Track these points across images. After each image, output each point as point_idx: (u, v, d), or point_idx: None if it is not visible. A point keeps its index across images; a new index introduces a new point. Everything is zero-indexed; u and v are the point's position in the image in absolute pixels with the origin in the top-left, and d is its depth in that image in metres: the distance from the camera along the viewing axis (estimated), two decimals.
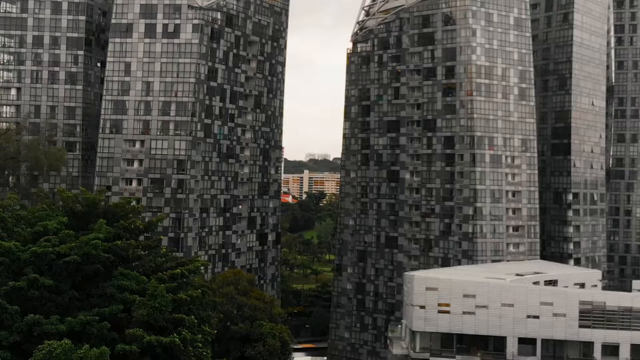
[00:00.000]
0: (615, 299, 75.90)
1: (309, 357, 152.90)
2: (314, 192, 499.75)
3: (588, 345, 74.95)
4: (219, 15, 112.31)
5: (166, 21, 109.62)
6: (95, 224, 50.21)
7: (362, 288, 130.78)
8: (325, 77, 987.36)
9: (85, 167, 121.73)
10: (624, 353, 73.00)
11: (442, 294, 76.71)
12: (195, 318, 44.14)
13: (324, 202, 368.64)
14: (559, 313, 75.11)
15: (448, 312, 76.66)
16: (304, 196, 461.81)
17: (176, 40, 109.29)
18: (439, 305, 76.95)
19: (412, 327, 78.87)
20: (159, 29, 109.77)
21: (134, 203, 67.90)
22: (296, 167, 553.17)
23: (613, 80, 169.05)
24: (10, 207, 49.89)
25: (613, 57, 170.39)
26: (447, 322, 76.72)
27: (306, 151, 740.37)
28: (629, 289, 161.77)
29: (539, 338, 75.91)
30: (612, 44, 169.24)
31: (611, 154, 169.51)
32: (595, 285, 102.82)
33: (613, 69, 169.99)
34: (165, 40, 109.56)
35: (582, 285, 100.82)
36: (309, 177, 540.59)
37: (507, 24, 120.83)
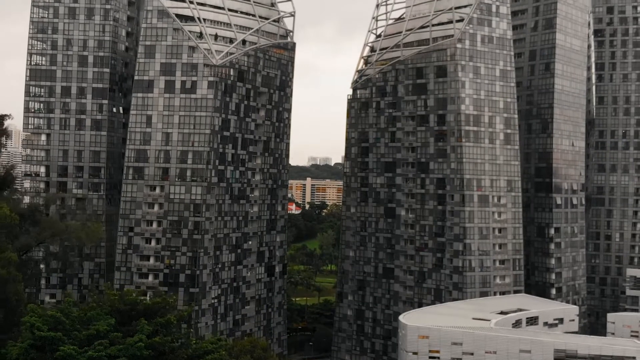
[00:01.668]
0: (586, 347, 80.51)
1: None
2: (316, 201, 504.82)
3: None
4: (231, 72, 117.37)
5: (184, 78, 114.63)
6: (136, 320, 55.54)
7: (362, 314, 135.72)
8: (327, 82, 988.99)
9: (109, 205, 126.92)
10: None
11: (433, 342, 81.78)
12: None
13: (325, 211, 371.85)
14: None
15: (438, 358, 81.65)
16: (307, 205, 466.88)
17: (193, 96, 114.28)
18: (430, 351, 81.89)
19: None
20: (178, 85, 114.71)
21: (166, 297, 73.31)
22: (299, 172, 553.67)
23: (594, 114, 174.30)
24: (67, 309, 54.95)
25: (594, 92, 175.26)
26: None
27: (308, 154, 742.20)
28: (608, 308, 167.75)
29: None
30: (593, 81, 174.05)
31: (593, 182, 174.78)
32: (573, 320, 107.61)
33: (594, 103, 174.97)
34: (183, 96, 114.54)
35: (561, 321, 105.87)
36: (311, 184, 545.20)
37: (493, 76, 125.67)
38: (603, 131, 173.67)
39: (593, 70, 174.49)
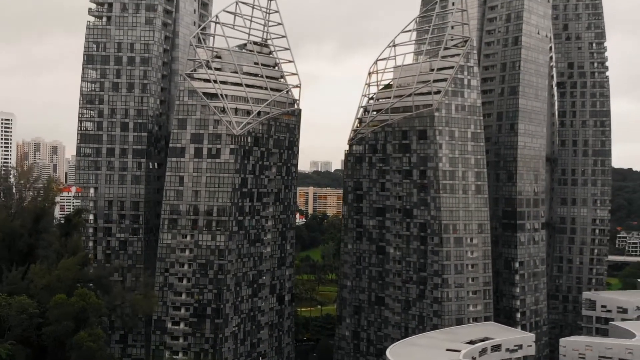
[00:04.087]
0: None
1: None
2: (318, 209, 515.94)
3: None
4: (248, 139, 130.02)
5: (210, 146, 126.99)
6: None
7: (358, 335, 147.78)
8: (327, 91, 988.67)
9: (146, 247, 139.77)
10: None
11: None
12: None
13: (326, 222, 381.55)
14: None
15: None
16: (310, 213, 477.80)
17: (217, 160, 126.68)
18: None
19: None
20: (205, 151, 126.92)
21: None
22: (301, 179, 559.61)
23: (557, 155, 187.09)
24: None
25: (557, 136, 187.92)
26: None
27: (310, 159, 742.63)
28: (570, 322, 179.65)
29: None
30: (557, 126, 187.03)
31: (556, 213, 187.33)
32: (530, 346, 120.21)
33: (557, 145, 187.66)
34: (209, 160, 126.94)
35: (521, 347, 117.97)
36: (314, 193, 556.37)
37: (466, 138, 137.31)
38: (565, 169, 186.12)
39: (556, 117, 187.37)
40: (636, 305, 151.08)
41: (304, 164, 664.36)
